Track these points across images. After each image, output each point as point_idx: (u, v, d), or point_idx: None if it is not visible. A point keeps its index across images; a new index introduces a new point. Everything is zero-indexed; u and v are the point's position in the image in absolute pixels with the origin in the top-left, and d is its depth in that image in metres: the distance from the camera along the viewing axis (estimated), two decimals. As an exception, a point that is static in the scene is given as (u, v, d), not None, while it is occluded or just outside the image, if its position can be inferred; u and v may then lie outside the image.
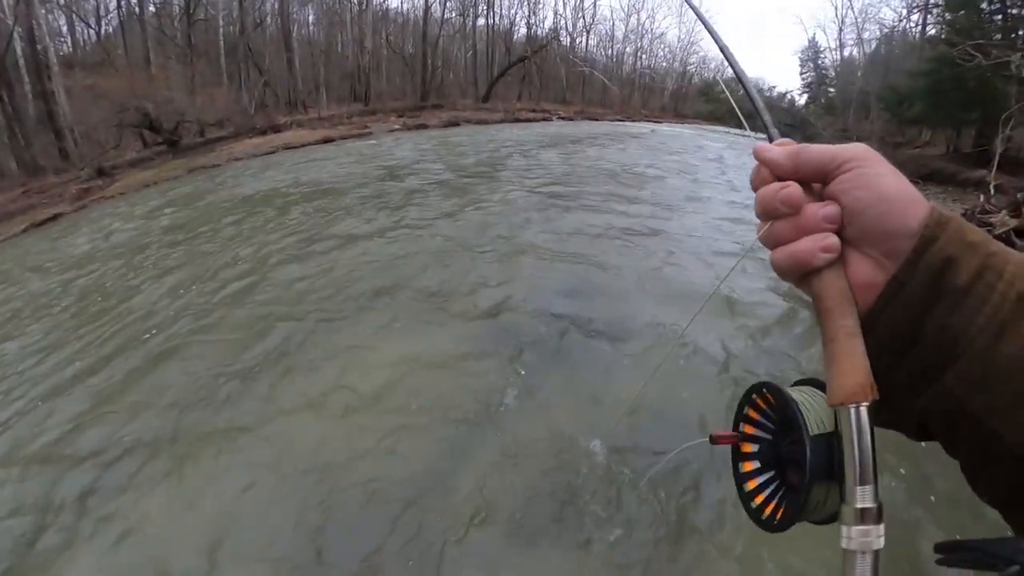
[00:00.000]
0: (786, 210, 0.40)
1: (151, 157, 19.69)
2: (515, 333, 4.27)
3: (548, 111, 34.86)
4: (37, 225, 14.26)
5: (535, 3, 39.38)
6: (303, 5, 32.53)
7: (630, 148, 17.18)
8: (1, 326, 6.16)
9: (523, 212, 7.87)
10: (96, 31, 26.97)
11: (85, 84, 19.92)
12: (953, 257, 0.35)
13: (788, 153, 0.41)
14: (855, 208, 0.38)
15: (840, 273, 0.39)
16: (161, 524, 2.76)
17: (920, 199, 0.37)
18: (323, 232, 7.41)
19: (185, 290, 5.94)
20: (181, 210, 11.06)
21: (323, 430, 3.29)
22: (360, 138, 21.98)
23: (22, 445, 3.59)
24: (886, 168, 0.39)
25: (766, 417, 0.46)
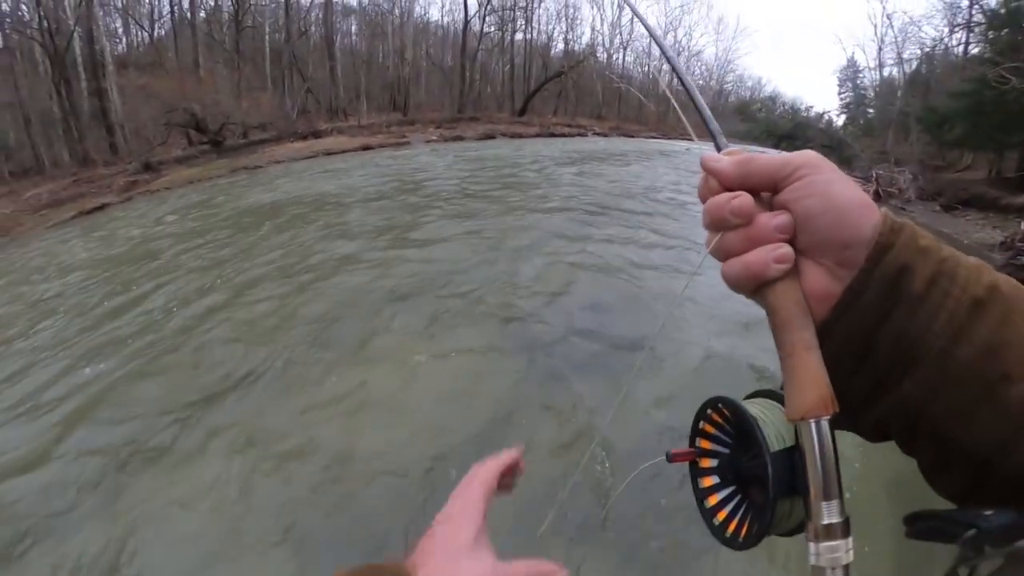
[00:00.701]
0: (737, 221, 0.39)
1: (196, 155, 20.11)
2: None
3: (583, 126, 34.84)
4: (86, 213, 14.58)
5: (573, 19, 39.90)
6: (346, 16, 33.48)
7: (660, 167, 16.92)
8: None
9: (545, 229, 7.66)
10: (149, 34, 28.04)
11: (137, 84, 20.54)
12: (908, 264, 0.35)
13: (736, 162, 0.40)
14: (807, 216, 0.37)
15: (795, 284, 0.38)
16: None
17: (872, 205, 0.37)
18: (340, 239, 7.40)
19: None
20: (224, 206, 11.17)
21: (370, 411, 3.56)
22: (398, 147, 22.13)
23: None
24: (837, 175, 0.38)
25: (723, 431, 0.45)
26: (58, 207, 15.34)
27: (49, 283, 7.60)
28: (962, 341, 0.33)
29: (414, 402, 3.64)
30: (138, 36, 28.63)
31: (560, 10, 39.98)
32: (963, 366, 0.33)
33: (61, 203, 15.79)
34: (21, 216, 14.60)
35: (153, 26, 27.91)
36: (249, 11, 27.30)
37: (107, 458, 3.27)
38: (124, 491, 3.01)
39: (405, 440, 3.27)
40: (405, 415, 3.51)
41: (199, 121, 20.58)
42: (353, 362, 4.11)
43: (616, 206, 9.29)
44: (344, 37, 33.77)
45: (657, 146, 27.59)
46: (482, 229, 7.59)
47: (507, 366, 4.01)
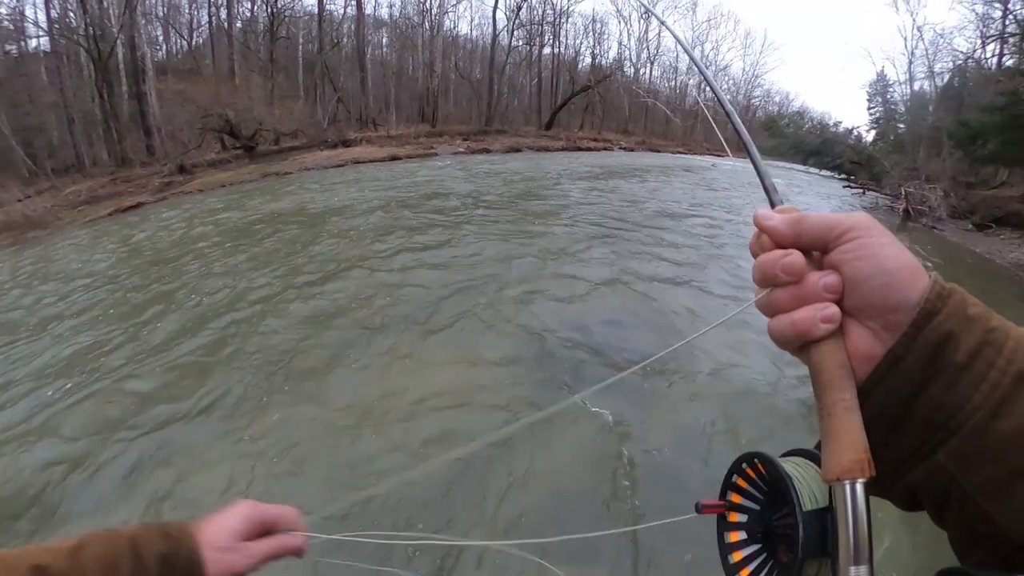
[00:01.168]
0: (787, 278, 0.40)
1: (228, 160, 20.51)
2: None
3: (610, 141, 34.82)
4: (122, 210, 14.92)
5: (600, 34, 40.14)
6: (378, 28, 34.16)
7: (687, 183, 16.64)
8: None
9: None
10: (188, 42, 29.07)
11: (175, 89, 21.19)
12: (953, 332, 0.34)
13: (789, 221, 0.41)
14: (855, 278, 0.38)
15: (839, 344, 0.39)
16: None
17: (921, 271, 0.37)
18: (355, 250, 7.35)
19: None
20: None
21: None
22: (425, 158, 22.29)
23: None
24: (888, 238, 0.38)
25: (756, 487, 0.45)
26: (96, 204, 15.77)
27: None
28: (1002, 415, 0.32)
29: (429, 406, 3.61)
30: (177, 44, 29.73)
31: (587, 25, 40.39)
32: (1001, 440, 0.32)
33: (99, 200, 16.23)
34: (61, 211, 15.02)
35: (192, 35, 29.04)
36: (284, 22, 28.07)
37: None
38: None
39: (423, 441, 3.24)
40: (419, 418, 3.49)
41: (233, 127, 21.02)
42: (365, 372, 4.09)
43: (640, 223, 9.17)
44: (375, 49, 34.51)
45: (683, 161, 27.33)
46: (483, 241, 7.55)
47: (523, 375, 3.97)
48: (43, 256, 9.81)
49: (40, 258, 9.65)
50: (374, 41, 33.92)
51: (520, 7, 33.46)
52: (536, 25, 35.09)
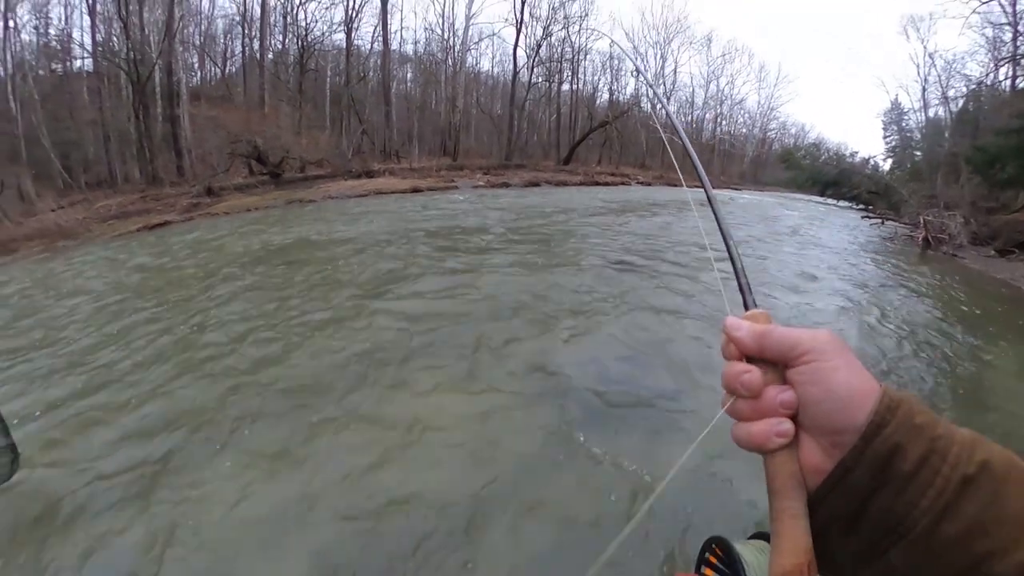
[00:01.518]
0: (746, 393, 0.43)
1: (255, 185, 20.84)
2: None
3: (627, 175, 35.06)
4: (150, 228, 15.09)
5: (617, 70, 40.81)
6: (403, 63, 35.13)
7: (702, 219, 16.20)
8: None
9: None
10: (222, 70, 30.11)
11: (207, 114, 21.74)
12: (900, 444, 0.37)
13: (755, 334, 0.44)
14: (807, 401, 0.41)
15: (792, 456, 0.42)
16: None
17: (870, 390, 0.39)
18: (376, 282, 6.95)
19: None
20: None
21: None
22: (446, 191, 22.49)
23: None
24: (842, 361, 0.41)
25: (721, 568, 0.50)
26: (125, 219, 15.99)
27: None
28: (948, 519, 0.35)
29: (447, 443, 3.33)
30: (211, 71, 30.76)
31: (605, 62, 41.03)
32: (947, 543, 0.35)
33: (128, 216, 16.47)
34: (91, 223, 15.21)
35: (225, 63, 30.07)
36: (313, 55, 29.01)
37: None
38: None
39: (438, 482, 2.97)
40: (436, 455, 3.21)
41: (261, 153, 21.44)
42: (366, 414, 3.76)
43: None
44: (400, 83, 35.38)
45: (699, 195, 27.20)
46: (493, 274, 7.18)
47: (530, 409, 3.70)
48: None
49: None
50: (399, 76, 34.90)
51: (540, 45, 34.38)
52: (555, 62, 35.91)
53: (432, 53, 34.65)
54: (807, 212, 22.70)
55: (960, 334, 5.92)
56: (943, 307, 7.27)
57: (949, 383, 4.44)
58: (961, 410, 3.97)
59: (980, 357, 5.19)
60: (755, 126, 51.65)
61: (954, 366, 4.85)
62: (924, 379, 4.44)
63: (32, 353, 4.99)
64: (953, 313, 6.98)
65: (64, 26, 20.68)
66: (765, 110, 51.16)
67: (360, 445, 3.24)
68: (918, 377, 4.47)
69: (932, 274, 10.17)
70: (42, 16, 19.85)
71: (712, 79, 44.88)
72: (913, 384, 4.30)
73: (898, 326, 5.89)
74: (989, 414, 3.94)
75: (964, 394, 4.25)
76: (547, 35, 34.23)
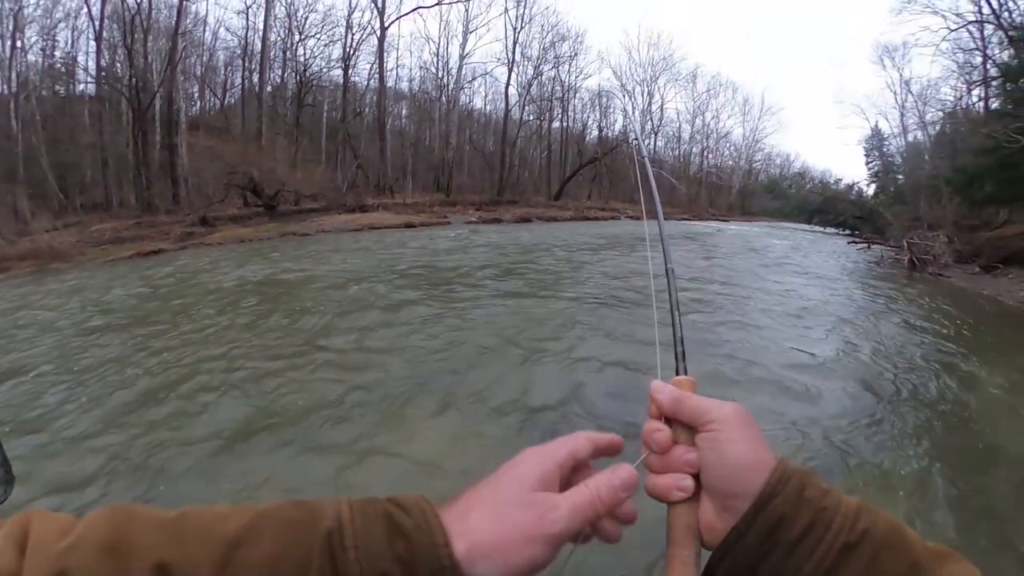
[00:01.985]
0: (656, 449, 0.49)
1: (249, 216, 20.64)
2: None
3: (617, 210, 35.55)
4: (143, 255, 14.75)
5: (606, 107, 42.14)
6: (398, 100, 35.73)
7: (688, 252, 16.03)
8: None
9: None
10: (221, 101, 30.29)
11: (205, 144, 21.74)
12: (787, 515, 0.41)
13: (672, 399, 0.49)
14: (706, 465, 0.46)
15: (691, 509, 0.46)
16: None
17: (765, 464, 0.44)
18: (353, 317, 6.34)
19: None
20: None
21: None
22: (439, 226, 22.49)
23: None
24: (740, 434, 0.45)
25: None
26: (119, 244, 15.63)
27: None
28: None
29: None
30: (211, 102, 30.95)
31: (593, 99, 42.24)
32: None
33: (122, 241, 16.12)
34: (85, 247, 14.83)
35: (225, 95, 30.30)
36: (311, 90, 29.43)
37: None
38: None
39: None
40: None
41: (256, 185, 21.33)
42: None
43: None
44: (395, 120, 35.86)
45: (685, 228, 27.51)
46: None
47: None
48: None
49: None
50: (394, 112, 35.37)
51: (531, 84, 35.40)
52: (546, 101, 36.90)
53: (427, 91, 35.51)
54: (793, 240, 22.88)
55: (945, 352, 5.81)
56: (929, 327, 7.13)
57: (936, 401, 4.33)
58: (950, 427, 3.87)
59: (966, 372, 5.11)
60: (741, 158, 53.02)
61: (941, 383, 4.74)
62: (911, 399, 4.29)
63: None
64: (939, 332, 6.85)
65: (70, 50, 20.85)
66: (750, 142, 52.77)
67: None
68: (907, 397, 4.32)
69: (918, 295, 10.08)
70: (49, 38, 19.97)
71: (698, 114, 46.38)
72: (900, 404, 4.16)
73: (885, 349, 5.69)
74: (976, 428, 3.87)
75: (951, 410, 4.15)
76: (538, 74, 35.32)
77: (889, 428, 3.69)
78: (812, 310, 7.73)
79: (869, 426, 3.69)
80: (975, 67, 22.59)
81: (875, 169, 34.68)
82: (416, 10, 31.44)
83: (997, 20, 19.75)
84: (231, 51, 29.38)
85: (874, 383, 4.56)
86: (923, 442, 3.50)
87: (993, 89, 20.59)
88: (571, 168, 38.41)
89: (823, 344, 5.78)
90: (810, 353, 5.34)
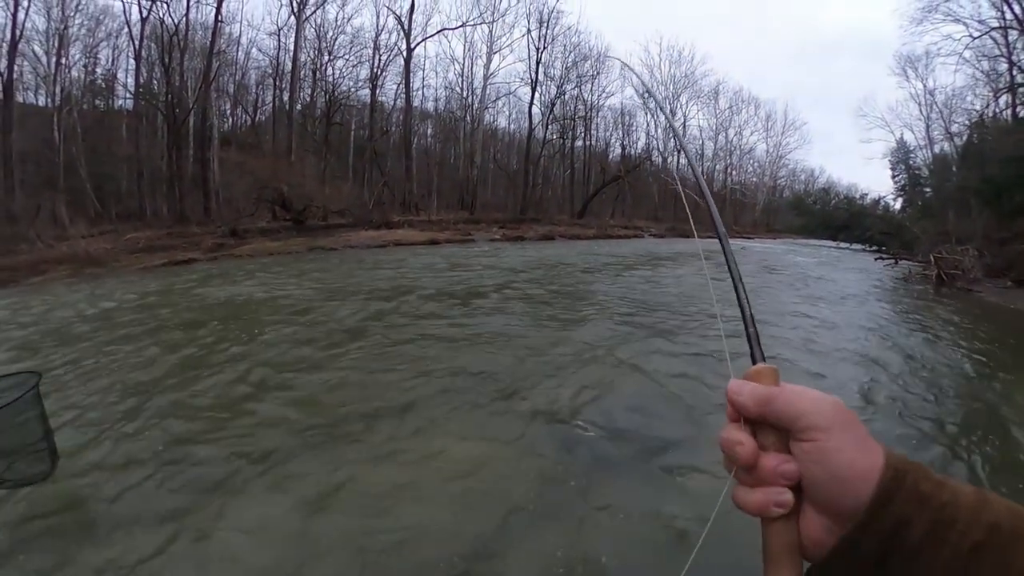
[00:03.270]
0: (741, 463, 0.42)
1: (278, 230, 20.93)
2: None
3: (640, 227, 35.37)
4: (175, 264, 15.04)
5: (629, 126, 42.17)
6: (424, 120, 36.35)
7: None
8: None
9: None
10: (252, 118, 31.27)
11: (236, 159, 22.27)
12: (905, 517, 0.36)
13: (757, 400, 0.42)
14: (809, 479, 0.40)
15: (791, 526, 0.40)
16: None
17: (875, 465, 0.38)
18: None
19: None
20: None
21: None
22: (463, 244, 22.57)
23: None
24: (847, 439, 0.39)
25: None
26: (151, 253, 15.97)
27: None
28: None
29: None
30: (243, 119, 31.97)
31: (616, 118, 42.26)
32: None
33: (154, 251, 16.46)
34: (120, 254, 15.19)
35: (256, 112, 31.27)
36: (339, 109, 30.17)
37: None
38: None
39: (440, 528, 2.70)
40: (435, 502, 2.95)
41: (285, 200, 21.70)
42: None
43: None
44: (421, 138, 36.44)
45: (708, 245, 27.03)
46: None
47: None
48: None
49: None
50: (420, 131, 35.95)
51: (554, 103, 35.63)
52: (569, 119, 37.08)
53: (452, 110, 35.98)
54: (819, 257, 22.33)
55: (975, 368, 5.61)
56: (958, 344, 6.89)
57: (969, 418, 4.18)
58: (983, 443, 3.70)
59: (995, 389, 4.94)
60: (765, 174, 52.48)
61: (972, 400, 4.61)
62: (944, 418, 4.13)
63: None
64: (969, 348, 6.62)
65: (110, 67, 21.90)
66: (774, 158, 52.21)
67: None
68: (937, 416, 4.14)
69: (947, 312, 9.75)
70: (91, 56, 20.92)
71: (720, 130, 46.16)
72: (933, 424, 3.98)
73: (916, 368, 5.49)
74: (1011, 443, 3.71)
75: (984, 427, 3.97)
76: (561, 93, 35.58)
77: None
78: (836, 327, 7.44)
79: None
80: (1000, 74, 22.08)
81: (902, 183, 33.92)
82: (442, 31, 32.28)
83: (1021, 25, 19.36)
84: (262, 70, 30.46)
85: (902, 410, 4.32)
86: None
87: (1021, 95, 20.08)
88: (594, 186, 38.44)
89: (845, 360, 5.64)
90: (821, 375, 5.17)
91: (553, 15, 33.80)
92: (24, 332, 6.43)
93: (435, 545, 2.54)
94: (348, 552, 2.48)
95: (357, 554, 2.47)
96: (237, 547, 2.52)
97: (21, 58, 17.59)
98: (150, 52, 20.93)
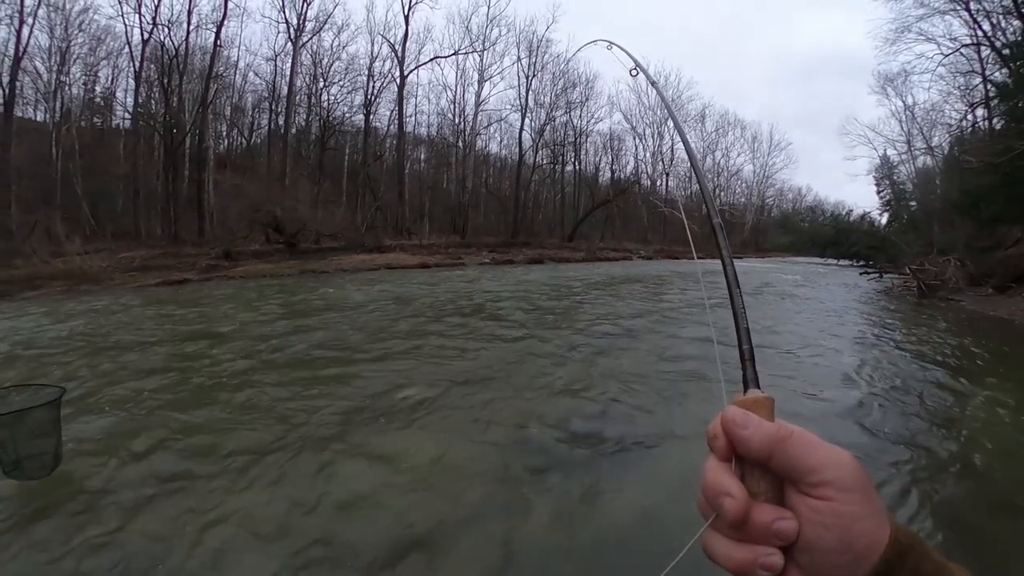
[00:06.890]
0: (729, 519, 0.35)
1: (271, 252, 20.92)
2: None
3: (629, 250, 35.77)
4: (169, 284, 14.93)
5: (617, 150, 43.13)
6: (417, 145, 36.85)
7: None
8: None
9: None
10: (247, 141, 31.39)
11: (231, 182, 22.33)
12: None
13: (768, 438, 0.35)
14: (815, 545, 0.34)
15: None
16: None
17: (883, 540, 0.34)
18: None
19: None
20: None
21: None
22: (453, 268, 22.63)
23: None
24: (866, 505, 0.34)
25: None
26: (145, 272, 15.85)
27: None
28: None
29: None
30: (238, 141, 32.09)
31: (606, 143, 43.24)
32: None
33: (148, 270, 16.33)
34: (114, 272, 15.04)
35: (251, 135, 31.52)
36: (334, 134, 30.52)
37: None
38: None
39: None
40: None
41: (279, 222, 21.70)
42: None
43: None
44: (413, 163, 36.86)
45: (696, 267, 27.34)
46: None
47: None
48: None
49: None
50: (413, 156, 36.39)
51: (544, 129, 36.34)
52: (559, 145, 37.83)
53: (444, 136, 36.46)
54: (804, 275, 22.49)
55: (951, 378, 5.59)
56: (935, 354, 6.88)
57: (947, 428, 4.15)
58: (964, 451, 3.69)
59: (972, 396, 4.94)
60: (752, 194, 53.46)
61: (949, 408, 4.60)
62: (923, 433, 4.07)
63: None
64: (944, 358, 6.62)
65: (110, 86, 21.95)
66: (761, 178, 53.27)
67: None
68: (916, 433, 4.07)
69: (925, 322, 9.76)
70: (91, 74, 21.00)
71: (708, 152, 47.10)
72: (909, 441, 3.87)
73: (894, 381, 5.43)
74: (986, 453, 3.68)
75: (966, 437, 3.97)
76: (550, 119, 36.30)
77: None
78: (814, 343, 7.30)
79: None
80: (974, 87, 22.80)
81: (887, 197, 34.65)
82: (434, 59, 32.94)
83: (990, 42, 20.16)
84: (259, 94, 30.85)
85: (884, 420, 4.28)
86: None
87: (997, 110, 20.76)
88: (584, 210, 38.91)
89: (825, 377, 5.57)
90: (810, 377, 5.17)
91: (542, 44, 34.82)
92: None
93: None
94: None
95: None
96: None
97: (22, 73, 17.65)
98: (149, 73, 21.12)
